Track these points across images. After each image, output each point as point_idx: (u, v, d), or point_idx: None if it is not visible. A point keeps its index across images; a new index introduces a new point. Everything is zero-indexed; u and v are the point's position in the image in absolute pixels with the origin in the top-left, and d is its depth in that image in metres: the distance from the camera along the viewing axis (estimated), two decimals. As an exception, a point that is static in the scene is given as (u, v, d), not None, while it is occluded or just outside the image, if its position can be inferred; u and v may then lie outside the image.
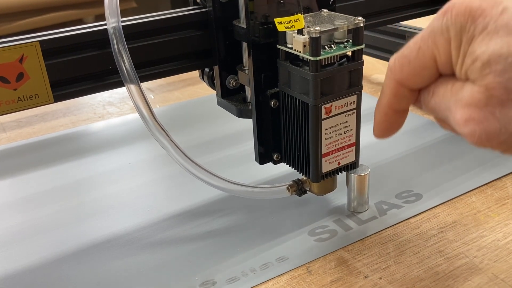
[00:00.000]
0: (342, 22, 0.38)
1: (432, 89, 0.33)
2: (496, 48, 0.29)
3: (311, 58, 0.37)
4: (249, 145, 0.48)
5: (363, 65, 0.40)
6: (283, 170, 0.52)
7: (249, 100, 0.45)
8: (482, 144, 0.30)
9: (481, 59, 0.29)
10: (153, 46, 0.43)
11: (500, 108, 0.29)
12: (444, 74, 0.33)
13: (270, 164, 0.46)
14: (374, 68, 0.82)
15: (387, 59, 0.74)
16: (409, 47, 0.34)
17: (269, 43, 0.41)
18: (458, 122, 0.31)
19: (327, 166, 0.42)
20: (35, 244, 0.45)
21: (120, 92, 0.78)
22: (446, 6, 0.31)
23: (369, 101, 0.70)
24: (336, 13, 0.41)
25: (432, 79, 0.34)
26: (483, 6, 0.30)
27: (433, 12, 0.62)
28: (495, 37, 0.29)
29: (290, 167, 0.45)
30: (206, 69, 0.47)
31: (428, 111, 0.35)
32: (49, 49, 0.38)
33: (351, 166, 0.44)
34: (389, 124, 0.38)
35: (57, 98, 0.40)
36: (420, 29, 0.69)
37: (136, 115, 0.69)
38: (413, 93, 0.35)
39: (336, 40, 0.40)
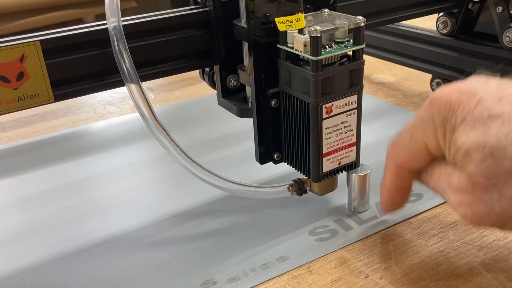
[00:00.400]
0: (343, 21, 0.38)
1: (429, 172, 0.37)
2: (474, 139, 0.31)
3: (312, 58, 0.37)
4: (249, 145, 0.48)
5: (364, 64, 0.40)
6: (283, 169, 0.52)
7: (249, 100, 0.45)
8: (476, 224, 0.34)
9: (462, 149, 0.32)
10: (154, 46, 0.43)
11: (485, 193, 0.31)
12: (437, 156, 0.36)
13: (270, 163, 0.46)
14: (374, 68, 0.82)
15: (387, 59, 0.74)
16: (402, 135, 0.38)
17: (269, 42, 0.41)
18: (452, 205, 0.34)
19: (327, 165, 0.42)
20: (35, 243, 0.45)
21: (120, 92, 0.78)
22: (430, 98, 0.35)
23: (369, 101, 0.70)
24: (337, 13, 0.41)
25: (427, 160, 0.37)
26: (461, 98, 0.33)
27: (433, 12, 0.62)
28: (473, 128, 0.32)
29: (291, 166, 0.45)
30: (207, 69, 0.47)
31: (429, 189, 0.38)
32: (50, 49, 0.38)
33: (352, 166, 0.44)
34: (394, 201, 0.42)
35: (58, 98, 0.40)
36: (420, 29, 0.69)
37: (136, 114, 0.69)
38: (413, 173, 0.39)
39: (337, 40, 0.40)
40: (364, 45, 0.40)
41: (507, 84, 0.33)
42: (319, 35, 0.37)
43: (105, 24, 0.39)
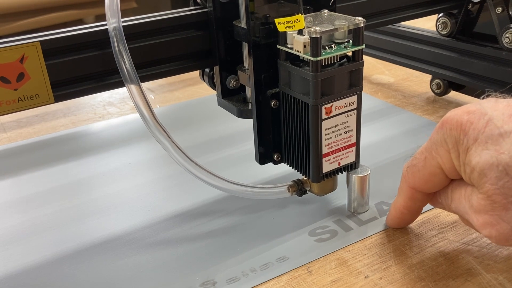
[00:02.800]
0: (342, 22, 0.38)
1: (450, 195, 0.37)
2: (487, 158, 0.32)
3: (312, 58, 0.37)
4: (249, 145, 0.48)
5: (363, 65, 0.40)
6: (283, 170, 0.52)
7: (249, 100, 0.45)
8: (503, 244, 0.33)
9: (477, 170, 0.32)
10: (154, 46, 0.43)
11: (505, 211, 0.32)
12: (454, 178, 0.36)
13: (270, 164, 0.46)
14: (374, 69, 0.82)
15: (387, 60, 0.74)
16: (417, 158, 0.38)
17: (269, 43, 0.41)
18: (477, 227, 0.34)
19: (327, 166, 0.42)
20: (35, 243, 0.45)
21: (120, 92, 0.78)
22: (441, 121, 0.35)
23: (369, 101, 0.70)
24: (337, 14, 0.41)
25: (443, 183, 0.37)
26: (471, 119, 0.33)
27: (433, 12, 0.62)
28: (485, 147, 0.32)
29: (290, 167, 0.45)
30: (207, 69, 0.47)
31: (451, 212, 0.38)
32: (50, 49, 0.38)
33: (352, 167, 0.44)
34: (403, 220, 0.43)
35: (58, 98, 0.40)
36: (419, 30, 0.69)
37: (136, 115, 0.69)
38: (427, 196, 0.39)
39: (337, 41, 0.40)
40: (363, 46, 0.40)
41: None
42: (318, 35, 0.37)
43: (105, 24, 0.39)
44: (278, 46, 0.40)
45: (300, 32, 0.38)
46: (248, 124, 0.45)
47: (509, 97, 0.35)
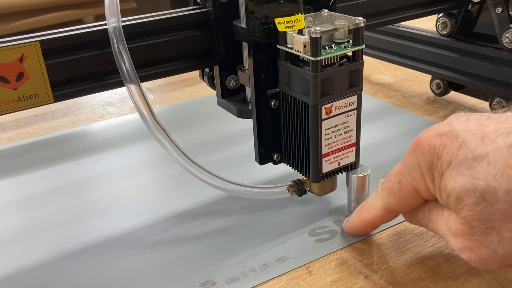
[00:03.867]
0: (342, 22, 0.38)
1: (427, 215, 0.36)
2: (463, 183, 0.31)
3: (312, 58, 0.37)
4: (249, 145, 0.48)
5: (363, 65, 0.40)
6: (283, 170, 0.52)
7: (249, 100, 0.45)
8: (483, 267, 0.33)
9: (453, 195, 0.32)
10: (153, 46, 0.43)
11: (484, 236, 0.31)
12: (430, 199, 0.36)
13: (270, 164, 0.46)
14: (374, 69, 0.82)
15: (387, 60, 0.74)
16: (391, 180, 0.37)
17: (269, 43, 0.41)
18: (456, 250, 0.33)
19: (327, 166, 0.42)
20: (35, 244, 0.45)
21: (120, 92, 0.78)
22: (413, 143, 0.35)
23: (369, 101, 0.70)
24: (337, 13, 0.41)
25: (419, 203, 0.37)
26: (444, 142, 0.32)
27: (433, 12, 0.62)
28: (460, 172, 0.31)
29: (290, 167, 0.45)
30: (206, 69, 0.47)
31: (429, 230, 0.38)
32: (49, 49, 0.38)
33: (352, 167, 0.44)
34: (363, 232, 0.43)
35: (57, 98, 0.40)
36: (419, 30, 0.69)
37: (136, 115, 0.69)
38: (397, 215, 0.40)
39: (337, 40, 0.40)
40: (363, 46, 0.40)
41: (487, 120, 0.32)
42: (318, 35, 0.37)
43: (105, 24, 0.39)
44: (278, 46, 0.40)
45: (300, 32, 0.38)
46: (248, 124, 0.45)
47: (477, 112, 0.34)
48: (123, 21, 0.40)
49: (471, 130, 0.32)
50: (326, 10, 0.42)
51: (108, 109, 0.74)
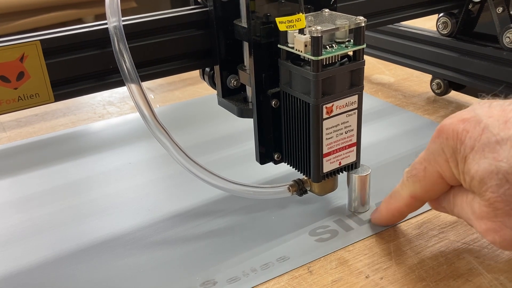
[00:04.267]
0: (343, 21, 0.38)
1: (452, 200, 0.37)
2: (486, 166, 0.32)
3: (313, 58, 0.37)
4: (249, 145, 0.48)
5: (364, 65, 0.40)
6: (283, 170, 0.52)
7: (250, 100, 0.45)
8: (507, 248, 0.34)
9: (476, 178, 0.32)
10: (154, 46, 0.43)
11: (508, 217, 0.32)
12: (455, 185, 0.37)
13: (270, 164, 0.46)
14: (375, 68, 0.82)
15: (388, 59, 0.74)
16: (416, 168, 0.38)
17: (270, 42, 0.41)
18: (480, 233, 0.34)
19: (328, 166, 0.42)
20: (34, 243, 0.45)
21: (120, 92, 0.78)
22: (437, 130, 0.36)
23: (370, 101, 0.70)
24: (338, 13, 0.41)
25: (444, 190, 0.38)
26: (467, 128, 0.33)
27: (433, 12, 0.62)
28: (483, 155, 0.32)
29: (291, 167, 0.45)
30: (207, 69, 0.47)
31: (455, 216, 0.39)
32: (50, 48, 0.38)
33: (352, 166, 0.44)
34: (391, 222, 0.44)
35: (58, 98, 0.40)
36: (420, 30, 0.69)
37: (136, 114, 0.69)
38: (423, 203, 0.40)
39: (338, 40, 0.40)
40: (364, 46, 0.40)
41: (510, 106, 0.33)
42: (319, 35, 0.36)
43: (106, 24, 0.39)
44: (279, 46, 0.40)
45: (301, 31, 0.38)
46: (248, 124, 0.45)
47: (501, 99, 0.35)
48: (123, 21, 0.40)
49: (494, 115, 0.33)
50: (327, 10, 0.41)
51: (109, 109, 0.74)
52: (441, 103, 0.68)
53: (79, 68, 0.40)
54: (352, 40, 0.40)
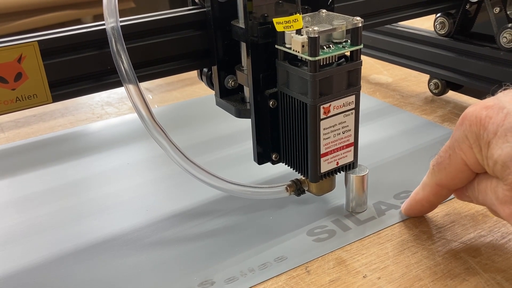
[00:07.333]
0: (340, 22, 0.38)
1: (476, 188, 0.38)
2: (509, 150, 0.32)
3: (310, 58, 0.37)
4: (247, 145, 0.48)
5: (361, 65, 0.40)
6: (281, 170, 0.52)
7: (247, 100, 0.45)
8: None
9: (499, 162, 0.33)
10: (152, 46, 0.43)
11: None
12: (479, 172, 0.37)
13: (268, 164, 0.46)
14: (372, 69, 0.82)
15: (385, 60, 0.74)
16: (442, 156, 0.39)
17: (267, 43, 0.41)
18: (504, 217, 0.35)
19: (325, 166, 0.42)
20: (33, 244, 0.45)
21: (118, 92, 0.78)
22: (461, 117, 0.36)
23: (367, 101, 0.70)
24: (335, 13, 0.41)
25: (469, 178, 0.38)
26: (490, 114, 0.34)
27: (431, 12, 0.62)
28: (506, 140, 0.33)
29: (289, 167, 0.45)
30: (205, 69, 0.47)
31: (479, 205, 0.39)
32: (48, 49, 0.38)
33: (350, 166, 0.44)
34: (421, 212, 0.45)
35: (56, 98, 0.40)
36: (417, 30, 0.69)
37: (134, 115, 0.68)
38: (451, 191, 0.41)
39: (335, 40, 0.40)
40: (361, 46, 0.40)
41: None
42: (317, 35, 0.37)
43: (103, 24, 0.39)
44: (276, 46, 0.40)
45: (298, 32, 0.38)
46: (246, 124, 0.45)
47: None
48: (121, 21, 0.40)
49: None
50: (324, 10, 0.42)
51: (107, 109, 0.74)
52: (438, 103, 0.69)
53: (77, 68, 0.40)
54: (349, 41, 0.40)
